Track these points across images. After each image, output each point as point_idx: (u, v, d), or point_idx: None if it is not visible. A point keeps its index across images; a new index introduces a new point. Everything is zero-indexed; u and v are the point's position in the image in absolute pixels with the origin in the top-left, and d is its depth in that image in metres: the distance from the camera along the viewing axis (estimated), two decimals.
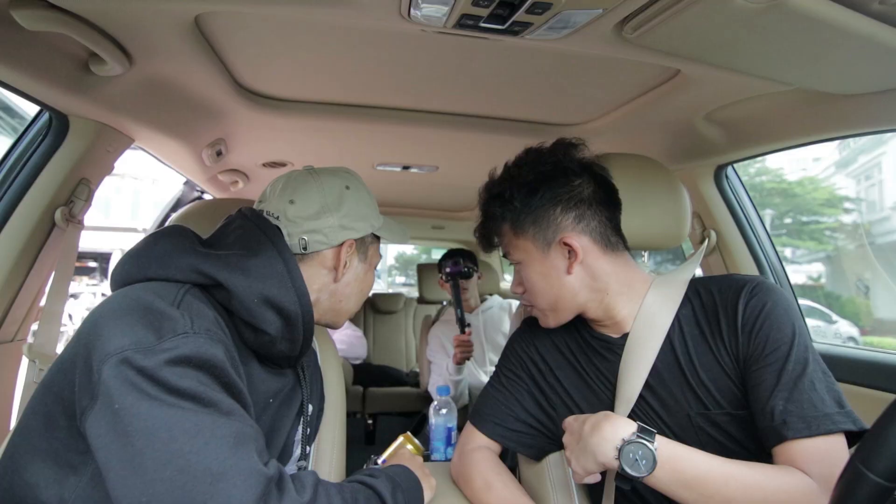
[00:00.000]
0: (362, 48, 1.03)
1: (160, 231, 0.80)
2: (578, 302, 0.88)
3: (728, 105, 1.15)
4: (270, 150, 1.74)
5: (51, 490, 0.62)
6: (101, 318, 0.64)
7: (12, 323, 1.16)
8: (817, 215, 8.35)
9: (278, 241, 0.80)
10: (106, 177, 1.27)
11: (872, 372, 1.19)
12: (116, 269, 0.76)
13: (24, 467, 0.64)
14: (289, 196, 0.84)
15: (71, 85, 0.99)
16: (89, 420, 0.59)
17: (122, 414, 0.57)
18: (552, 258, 0.87)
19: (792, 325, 0.77)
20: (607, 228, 0.88)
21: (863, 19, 0.71)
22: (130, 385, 0.57)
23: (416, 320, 3.58)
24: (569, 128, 1.46)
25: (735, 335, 0.80)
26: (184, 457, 0.56)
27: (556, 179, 0.87)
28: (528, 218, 0.87)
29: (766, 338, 0.77)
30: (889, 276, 5.79)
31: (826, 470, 0.67)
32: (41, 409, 0.65)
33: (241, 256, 0.76)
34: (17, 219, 1.09)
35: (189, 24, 0.89)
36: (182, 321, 0.63)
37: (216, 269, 0.73)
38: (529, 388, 0.98)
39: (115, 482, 0.57)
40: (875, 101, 0.97)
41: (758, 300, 0.79)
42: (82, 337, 0.64)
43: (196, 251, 0.75)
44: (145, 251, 0.75)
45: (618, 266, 0.88)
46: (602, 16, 0.76)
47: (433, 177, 2.07)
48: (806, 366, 0.74)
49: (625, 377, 0.86)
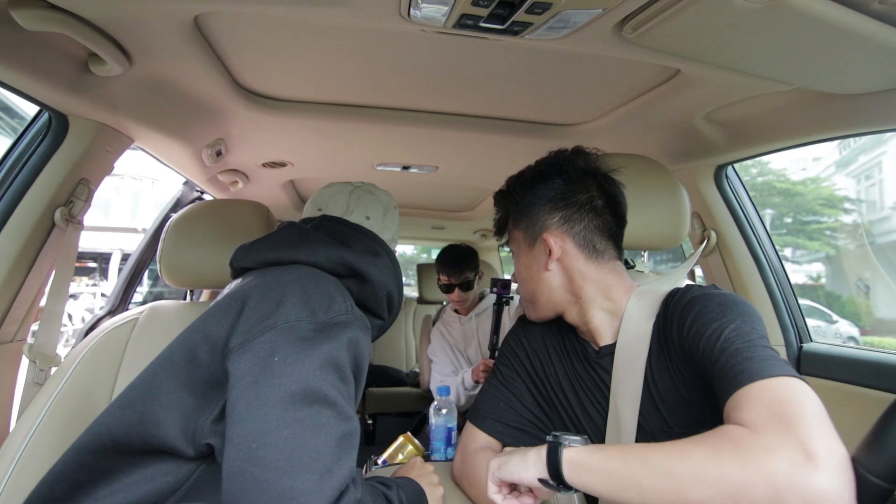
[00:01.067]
0: (362, 48, 1.03)
1: (288, 224, 0.93)
2: (554, 300, 0.92)
3: (728, 105, 1.15)
4: (270, 150, 1.74)
5: (177, 419, 0.69)
6: (287, 286, 0.75)
7: (12, 323, 1.16)
8: (817, 215, 8.35)
9: (387, 246, 0.96)
10: (106, 177, 1.27)
11: (872, 372, 1.19)
12: (254, 249, 0.89)
13: (161, 394, 0.71)
14: (349, 206, 1.01)
15: (70, 85, 0.99)
16: (235, 358, 0.67)
17: (275, 365, 0.64)
18: (535, 252, 0.92)
19: (721, 316, 0.72)
20: (595, 235, 0.89)
21: (863, 19, 0.71)
22: (292, 345, 0.66)
23: (416, 320, 3.58)
24: (569, 128, 1.46)
25: (681, 349, 0.77)
26: (303, 424, 0.61)
27: (552, 180, 0.92)
28: (522, 211, 0.94)
29: (699, 336, 0.73)
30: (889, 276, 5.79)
31: (753, 412, 0.57)
32: (186, 345, 0.74)
33: (372, 255, 0.90)
34: (16, 219, 1.09)
35: (189, 24, 0.89)
36: (343, 304, 0.76)
37: (360, 263, 0.86)
38: (525, 383, 1.00)
39: (236, 419, 0.62)
40: (875, 101, 0.97)
41: (689, 308, 0.77)
42: (256, 295, 0.74)
43: (338, 245, 0.88)
44: (288, 237, 0.89)
45: (600, 273, 0.89)
46: (602, 15, 0.76)
47: (433, 177, 2.07)
48: (731, 343, 0.67)
49: (616, 399, 0.85)
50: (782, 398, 0.57)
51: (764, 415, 0.56)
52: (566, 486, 0.67)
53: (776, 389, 0.58)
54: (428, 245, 5.99)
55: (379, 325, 0.94)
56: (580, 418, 0.92)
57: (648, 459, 0.60)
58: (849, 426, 0.69)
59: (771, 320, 1.47)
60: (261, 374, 0.64)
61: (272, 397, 0.62)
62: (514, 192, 0.96)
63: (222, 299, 0.79)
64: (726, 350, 0.67)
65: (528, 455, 0.72)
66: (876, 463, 0.49)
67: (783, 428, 0.53)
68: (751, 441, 0.54)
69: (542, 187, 0.92)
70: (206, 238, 1.18)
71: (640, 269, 1.15)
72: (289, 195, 2.44)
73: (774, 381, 0.59)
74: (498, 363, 1.04)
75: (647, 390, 0.82)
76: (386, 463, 1.27)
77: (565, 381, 0.95)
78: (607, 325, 0.89)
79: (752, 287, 1.49)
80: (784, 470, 0.51)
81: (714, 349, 0.69)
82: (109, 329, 1.08)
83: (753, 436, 0.55)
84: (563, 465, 0.67)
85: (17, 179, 1.10)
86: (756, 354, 0.64)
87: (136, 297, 2.01)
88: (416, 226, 3.23)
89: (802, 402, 0.56)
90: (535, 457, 0.71)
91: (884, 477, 0.48)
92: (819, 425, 0.53)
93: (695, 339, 0.73)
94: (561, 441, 0.69)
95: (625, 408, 0.84)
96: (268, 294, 0.74)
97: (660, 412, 0.81)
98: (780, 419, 0.54)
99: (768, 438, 0.53)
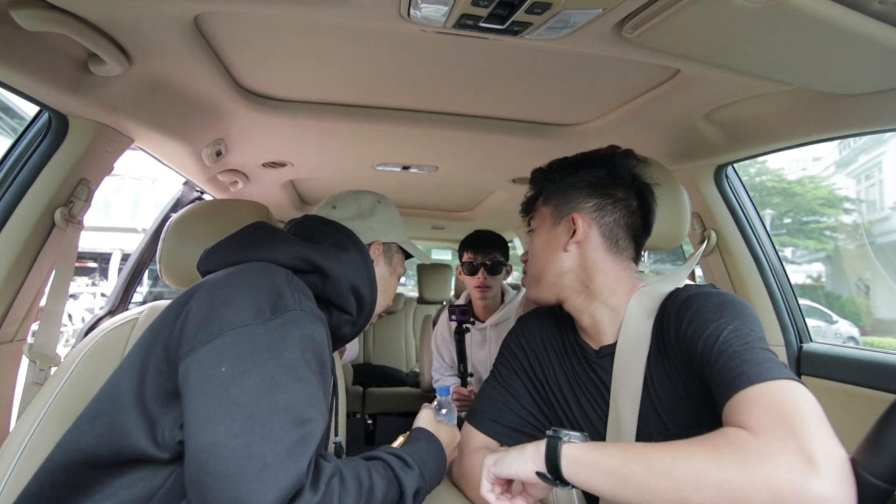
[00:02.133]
0: (362, 48, 1.03)
1: (255, 223, 0.94)
2: (561, 283, 0.92)
3: (728, 105, 1.15)
4: (270, 150, 1.74)
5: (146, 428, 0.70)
6: (231, 286, 0.75)
7: (12, 323, 1.16)
8: (817, 215, 8.35)
9: (358, 241, 0.96)
10: (106, 177, 1.27)
11: (872, 372, 1.19)
12: (216, 251, 0.89)
13: (127, 404, 0.71)
14: (331, 203, 1.04)
15: (70, 85, 0.99)
16: (185, 367, 0.67)
17: (222, 375, 0.65)
18: (558, 230, 0.93)
19: (719, 317, 0.72)
20: (621, 230, 0.90)
21: (863, 19, 0.71)
22: (240, 354, 0.66)
23: (416, 320, 3.58)
24: (569, 127, 1.46)
25: (678, 349, 0.77)
26: (252, 434, 0.61)
27: (597, 168, 0.93)
28: (557, 190, 0.95)
29: (696, 337, 0.73)
30: (889, 276, 5.79)
31: (753, 416, 0.58)
32: (143, 354, 0.74)
33: (338, 249, 0.91)
34: (16, 219, 1.09)
35: (188, 24, 0.89)
36: (292, 298, 0.74)
37: (320, 257, 0.86)
38: (524, 384, 0.99)
39: (188, 430, 0.63)
40: (875, 101, 0.97)
41: (685, 308, 0.77)
42: (202, 297, 0.74)
43: (299, 241, 0.89)
44: (249, 237, 0.90)
45: (615, 268, 0.89)
46: (602, 15, 0.76)
47: (433, 177, 2.07)
48: (729, 345, 0.67)
49: (616, 400, 0.85)
50: (782, 401, 0.57)
51: (764, 418, 0.56)
52: (563, 481, 0.67)
53: (775, 393, 0.59)
54: (428, 245, 5.98)
55: (349, 321, 0.93)
56: (579, 420, 0.92)
57: (649, 459, 0.60)
58: (849, 426, 0.69)
59: (771, 320, 1.47)
60: (208, 384, 0.64)
61: (221, 408, 0.62)
62: (554, 171, 0.97)
63: (172, 303, 0.79)
64: (724, 352, 0.67)
65: (526, 450, 0.72)
66: (875, 464, 0.49)
67: (784, 432, 0.53)
68: (752, 445, 0.55)
69: (585, 173, 0.93)
70: (206, 238, 1.17)
71: (640, 268, 1.15)
72: (289, 195, 2.44)
73: (773, 384, 0.60)
74: (498, 364, 1.04)
75: (645, 391, 0.82)
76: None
77: (564, 383, 0.95)
78: (609, 323, 0.89)
79: (752, 287, 1.49)
80: (785, 475, 0.51)
81: (712, 351, 0.69)
82: (109, 329, 1.08)
83: (755, 439, 0.55)
84: (561, 461, 0.67)
85: (17, 179, 1.10)
86: (754, 357, 0.64)
87: (137, 297, 2.01)
88: (416, 226, 3.23)
89: (802, 406, 0.56)
90: (533, 451, 0.71)
91: (883, 478, 0.48)
92: (818, 429, 0.53)
93: (692, 340, 0.73)
94: (560, 436, 0.69)
95: (625, 408, 0.83)
96: (214, 296, 0.73)
97: (657, 414, 0.81)
98: (781, 423, 0.54)
99: (769, 443, 0.54)
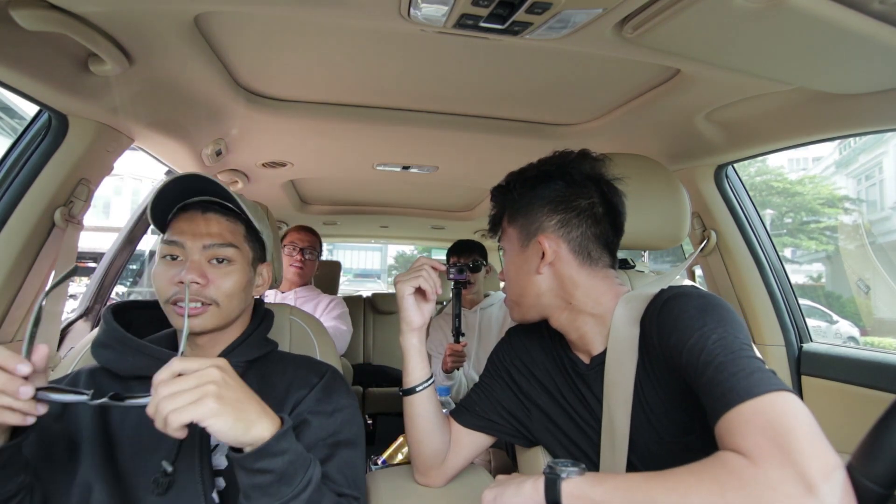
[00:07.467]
0: (362, 48, 1.03)
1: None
2: (542, 303, 0.89)
3: (728, 105, 1.15)
4: (270, 150, 1.74)
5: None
6: None
7: (12, 323, 1.16)
8: (818, 215, 8.35)
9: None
10: (106, 177, 1.27)
11: (872, 372, 1.19)
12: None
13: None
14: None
15: (71, 85, 0.99)
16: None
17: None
18: (528, 253, 0.89)
19: (702, 325, 0.70)
20: (591, 242, 0.87)
21: (863, 19, 0.71)
22: None
23: None
24: (568, 128, 1.46)
25: (662, 354, 0.76)
26: None
27: (554, 181, 0.89)
28: (520, 209, 0.91)
29: (680, 347, 0.71)
30: (889, 276, 5.79)
31: (749, 439, 0.57)
32: None
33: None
34: (16, 219, 1.09)
35: (189, 24, 0.89)
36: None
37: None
38: (508, 383, 0.99)
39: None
40: (875, 101, 0.97)
41: (666, 311, 0.76)
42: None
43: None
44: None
45: (592, 281, 0.87)
46: (602, 15, 0.76)
47: (433, 177, 2.07)
48: (715, 357, 0.66)
49: (609, 410, 0.84)
50: (775, 420, 0.57)
51: (760, 442, 0.56)
52: None
53: (767, 411, 0.58)
54: (428, 245, 5.98)
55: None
56: (573, 434, 0.91)
57: (652, 497, 0.60)
58: (849, 426, 0.69)
59: (771, 320, 1.47)
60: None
61: None
62: (513, 188, 0.93)
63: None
64: (710, 364, 0.66)
65: (524, 487, 0.70)
66: (872, 469, 0.49)
67: (782, 458, 0.54)
68: (753, 476, 0.55)
69: (543, 188, 0.89)
70: None
71: (640, 269, 1.15)
72: (289, 195, 2.44)
73: (765, 399, 0.59)
74: (485, 370, 1.04)
75: (636, 399, 0.80)
76: (386, 463, 1.27)
77: (553, 397, 0.93)
78: (596, 333, 0.87)
79: (752, 287, 1.48)
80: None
81: (698, 363, 0.67)
82: None
83: (754, 469, 0.55)
84: (562, 499, 0.65)
85: (16, 179, 1.10)
86: (741, 368, 0.63)
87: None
88: (416, 226, 3.23)
89: (793, 423, 0.56)
90: (531, 489, 0.69)
91: (881, 483, 0.48)
92: (812, 445, 0.54)
93: (675, 349, 0.72)
94: (559, 473, 0.67)
95: (618, 418, 0.82)
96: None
97: (650, 422, 0.79)
98: (776, 445, 0.55)
99: (768, 471, 0.54)
